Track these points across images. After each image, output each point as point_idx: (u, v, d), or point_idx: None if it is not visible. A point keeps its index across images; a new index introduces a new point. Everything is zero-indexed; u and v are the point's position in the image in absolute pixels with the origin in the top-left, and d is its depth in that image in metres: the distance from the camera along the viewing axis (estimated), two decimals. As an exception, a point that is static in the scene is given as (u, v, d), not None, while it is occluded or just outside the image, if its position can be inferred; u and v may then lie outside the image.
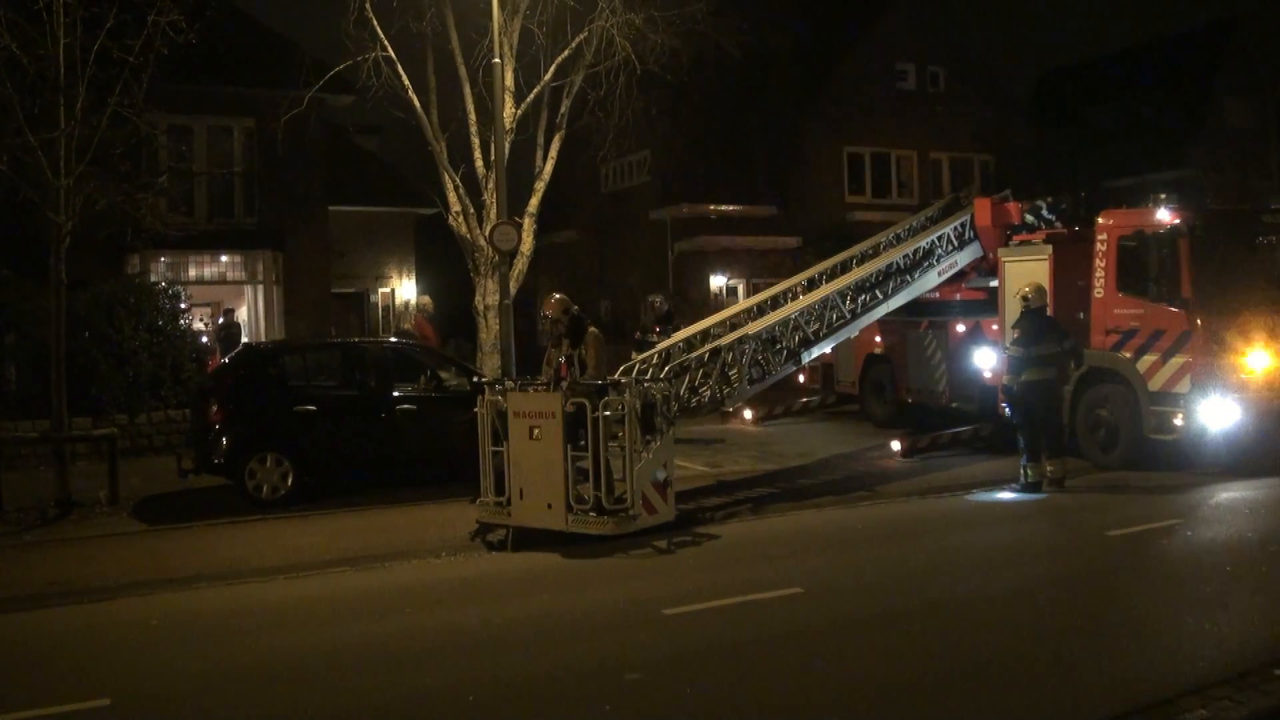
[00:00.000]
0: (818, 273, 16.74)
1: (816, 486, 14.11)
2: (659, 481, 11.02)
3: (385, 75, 18.04)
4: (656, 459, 11.01)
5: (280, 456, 13.53)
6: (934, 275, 16.40)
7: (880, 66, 30.57)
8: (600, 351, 11.82)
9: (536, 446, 10.94)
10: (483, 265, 18.74)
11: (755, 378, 13.18)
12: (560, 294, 12.55)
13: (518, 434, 11.08)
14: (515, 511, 11.18)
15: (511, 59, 18.47)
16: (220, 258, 24.21)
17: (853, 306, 14.88)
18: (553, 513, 10.85)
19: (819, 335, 14.19)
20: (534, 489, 10.97)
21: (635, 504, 10.74)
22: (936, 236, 16.58)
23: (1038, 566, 9.95)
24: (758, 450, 17.34)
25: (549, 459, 10.82)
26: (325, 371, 15.36)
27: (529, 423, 10.98)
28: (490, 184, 18.45)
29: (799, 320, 13.94)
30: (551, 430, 10.79)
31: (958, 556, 10.40)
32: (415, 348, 16.06)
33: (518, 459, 11.11)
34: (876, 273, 15.47)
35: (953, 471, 14.93)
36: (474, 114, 18.74)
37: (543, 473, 10.88)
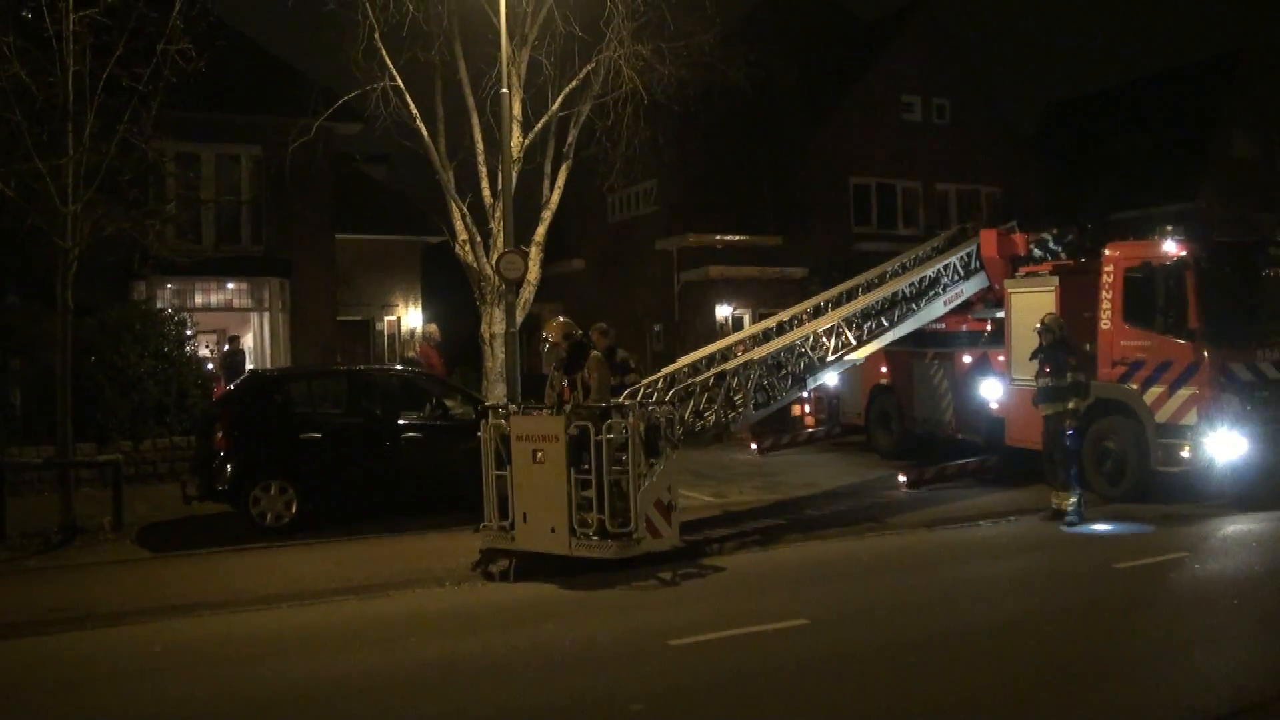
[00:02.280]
0: (823, 300, 16.77)
1: (823, 518, 14.07)
2: (663, 504, 10.99)
3: (393, 104, 18.14)
4: (660, 482, 10.99)
5: (284, 484, 13.52)
6: (940, 304, 16.41)
7: (886, 98, 30.66)
8: (604, 375, 11.83)
9: (540, 470, 10.93)
10: (489, 294, 18.77)
11: (760, 402, 13.19)
12: (564, 317, 12.59)
13: (521, 458, 11.08)
14: (519, 535, 11.16)
15: (519, 89, 18.57)
16: (227, 285, 24.29)
17: (858, 334, 14.88)
18: (556, 536, 10.82)
19: (824, 362, 14.20)
20: (537, 513, 10.96)
21: (639, 527, 10.72)
22: (942, 266, 16.60)
23: (1044, 599, 9.89)
24: (763, 481, 17.29)
25: (552, 483, 10.80)
26: (330, 399, 15.36)
27: (532, 446, 10.98)
28: (497, 213, 18.51)
29: (804, 346, 13.96)
30: (555, 454, 10.79)
31: (964, 589, 10.34)
32: (421, 375, 16.07)
33: (521, 483, 11.10)
34: (882, 300, 15.49)
35: (959, 503, 14.87)
36: (481, 143, 18.83)
37: (546, 496, 10.86)
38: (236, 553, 12.57)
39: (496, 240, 18.52)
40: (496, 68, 17.48)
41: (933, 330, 18.40)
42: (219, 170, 23.95)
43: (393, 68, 18.04)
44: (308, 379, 15.71)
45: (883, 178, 30.79)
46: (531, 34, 18.52)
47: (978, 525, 13.58)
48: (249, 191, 24.16)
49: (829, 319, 14.79)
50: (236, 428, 13.73)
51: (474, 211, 19.08)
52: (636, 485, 10.73)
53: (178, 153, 20.97)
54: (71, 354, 13.87)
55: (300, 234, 24.00)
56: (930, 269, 16.44)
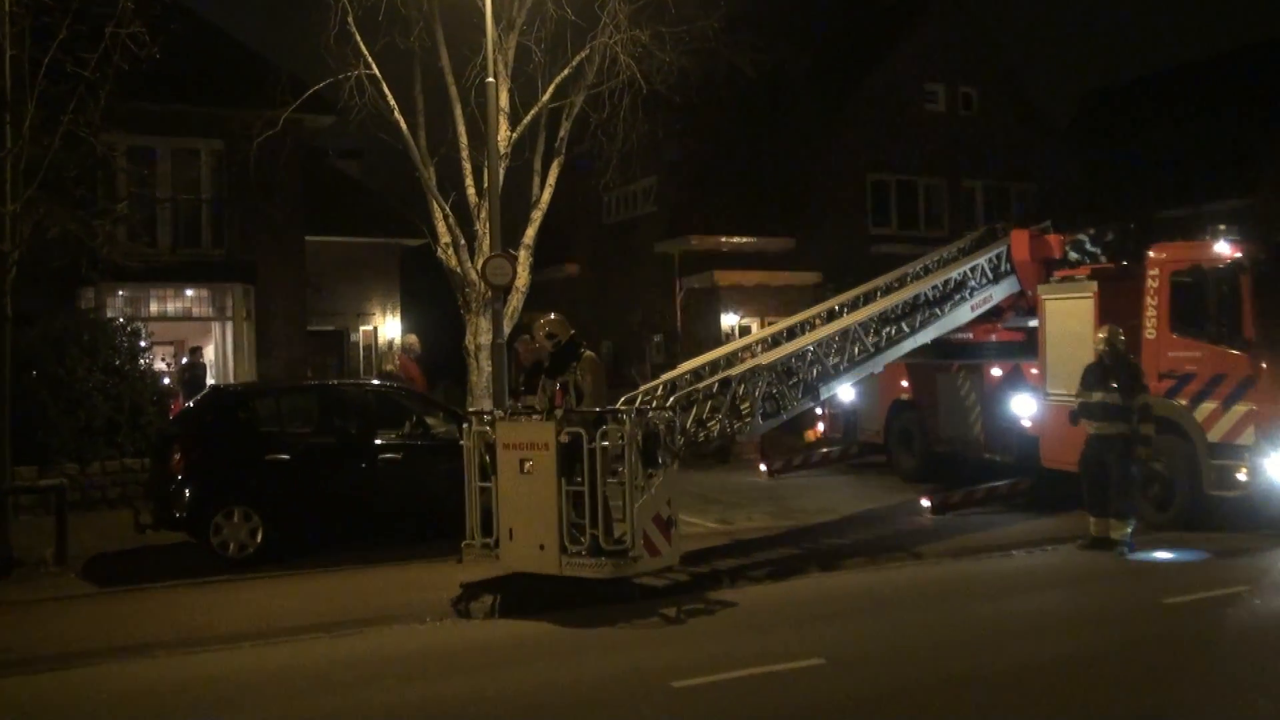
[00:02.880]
0: (838, 304, 16.71)
1: (840, 547, 13.98)
2: (662, 520, 10.88)
3: (369, 95, 18.11)
4: (659, 495, 10.87)
5: (249, 510, 13.43)
6: (966, 310, 16.36)
7: (907, 87, 30.67)
8: (598, 377, 11.74)
9: (528, 481, 10.84)
10: (474, 301, 18.71)
11: (769, 412, 13.11)
12: (557, 314, 12.52)
13: (507, 468, 10.99)
14: (504, 554, 11.09)
15: (506, 78, 18.54)
16: (185, 292, 24.24)
17: (876, 340, 14.83)
18: (545, 555, 10.73)
19: (838, 370, 14.14)
20: (525, 528, 10.87)
21: (636, 544, 10.61)
22: (969, 268, 16.55)
23: (1084, 638, 9.79)
24: (774, 505, 17.21)
25: (541, 495, 10.70)
26: (300, 417, 15.27)
27: (519, 455, 10.90)
28: (483, 213, 18.45)
29: (817, 352, 13.89)
30: (544, 463, 10.69)
31: (994, 626, 10.26)
32: (400, 391, 15.99)
33: (507, 495, 11.02)
34: (903, 304, 15.43)
35: (990, 531, 14.79)
36: (465, 137, 18.79)
37: (534, 510, 10.77)
38: (195, 587, 12.45)
39: (482, 243, 18.46)
40: (481, 55, 17.45)
41: (959, 340, 18.32)
42: (176, 166, 23.93)
43: (368, 54, 18.02)
44: (275, 395, 15.61)
45: (903, 174, 30.80)
46: (519, 17, 18.51)
47: (1010, 555, 13.51)
48: (210, 189, 24.15)
49: (844, 323, 14.73)
50: (196, 449, 13.64)
51: (457, 212, 19.03)
52: (633, 498, 10.63)
53: (130, 147, 20.93)
54: (11, 368, 13.76)
55: (266, 236, 23.97)
56: (956, 271, 16.39)
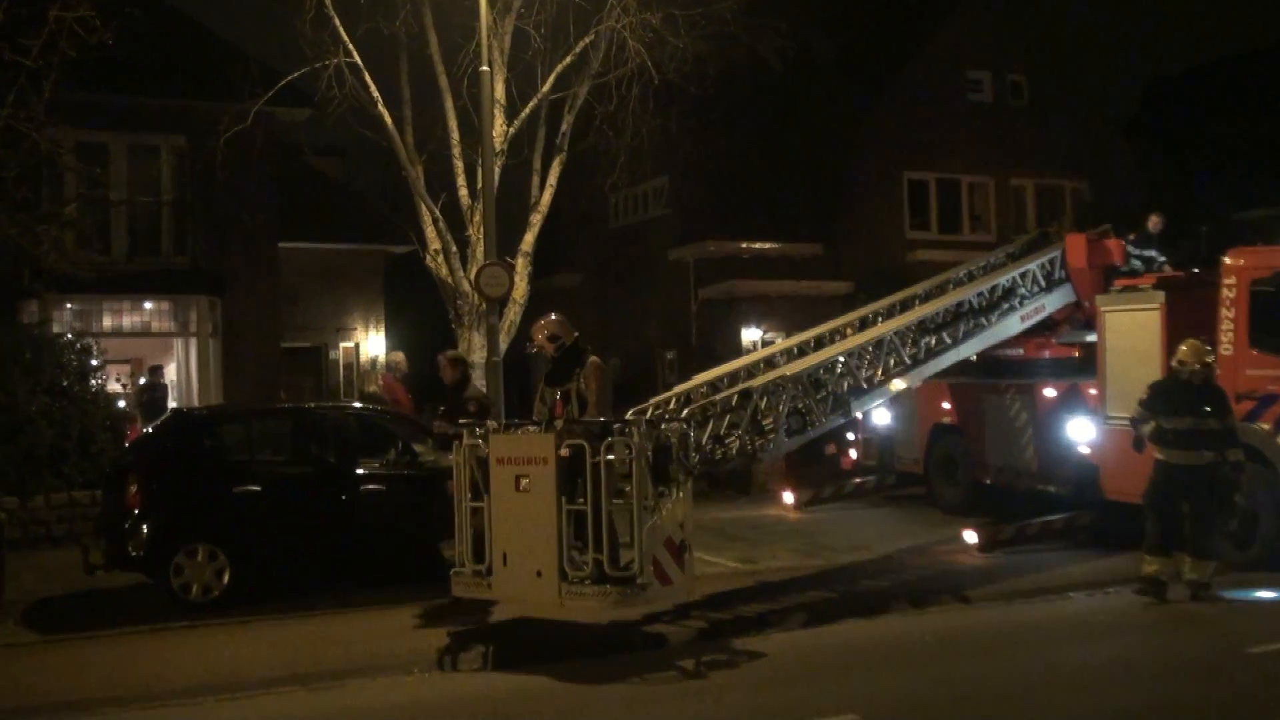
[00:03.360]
0: (872, 312, 16.65)
1: (876, 589, 13.91)
2: (674, 544, 10.72)
3: (349, 85, 18.16)
4: (672, 516, 10.73)
5: (214, 548, 13.37)
6: (1015, 321, 16.31)
7: (948, 75, 30.65)
8: (604, 384, 11.65)
9: (524, 500, 10.75)
10: (467, 315, 18.71)
11: (795, 429, 13.04)
12: (558, 314, 12.47)
13: (501, 485, 10.91)
14: (497, 582, 10.99)
15: (502, 67, 18.59)
16: (143, 305, 24.24)
17: (914, 351, 14.76)
18: (543, 583, 10.60)
19: (872, 383, 14.07)
20: (520, 553, 10.77)
21: (645, 570, 10.43)
22: (1019, 274, 16.51)
23: (1155, 691, 9.70)
24: (801, 542, 17.14)
25: (539, 515, 10.59)
26: (273, 444, 15.25)
27: (515, 471, 10.81)
28: (476, 217, 18.47)
29: (848, 363, 13.82)
30: (542, 480, 10.60)
31: (1053, 678, 10.15)
32: (384, 415, 15.97)
33: (501, 516, 10.93)
34: (944, 311, 15.37)
35: (1044, 571, 14.70)
36: (457, 133, 18.83)
37: (531, 532, 10.66)
38: (153, 634, 12.38)
39: (476, 250, 18.46)
40: (475, 41, 17.49)
41: (1008, 357, 18.24)
42: (133, 165, 23.95)
43: (348, 40, 18.09)
44: (245, 419, 15.59)
45: (944, 172, 30.76)
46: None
47: (1068, 598, 13.41)
48: (171, 191, 24.15)
49: (878, 331, 14.69)
50: (155, 479, 13.59)
51: (448, 215, 19.05)
52: (642, 519, 10.50)
53: (79, 143, 20.93)
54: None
55: (235, 242, 23.99)
56: (1004, 277, 16.35)
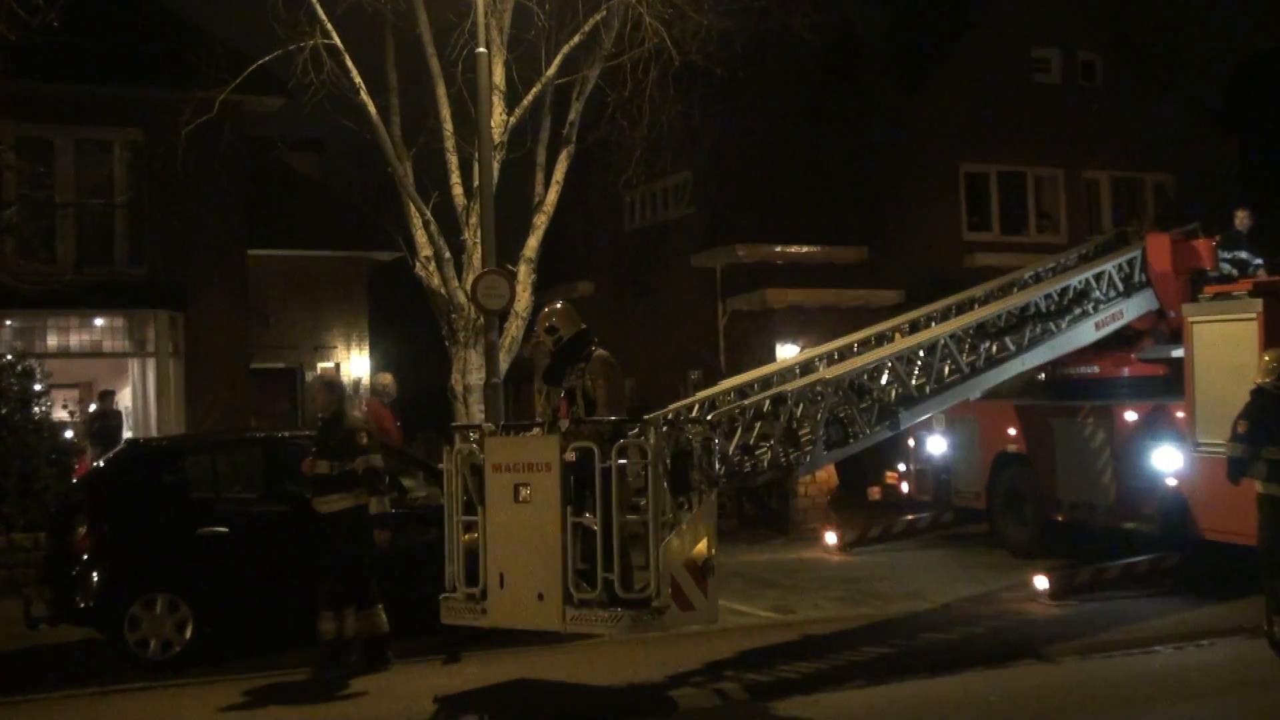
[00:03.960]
0: (924, 315, 16.62)
1: (935, 644, 13.87)
2: (695, 565, 10.63)
3: (328, 70, 18.18)
4: (693, 532, 10.67)
5: (176, 598, 13.35)
6: (1089, 328, 16.27)
7: (1011, 54, 30.64)
8: (614, 382, 11.56)
9: (524, 512, 10.73)
10: (462, 330, 18.71)
11: (835, 440, 12.97)
12: (564, 303, 12.45)
13: (498, 495, 10.91)
14: (492, 607, 10.96)
15: (502, 48, 18.61)
16: (94, 321, 24.29)
17: (972, 358, 14.71)
18: (544, 607, 10.56)
19: (923, 393, 14.01)
20: (519, 573, 10.74)
21: (662, 593, 10.33)
22: (1093, 274, 16.48)
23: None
24: (846, 589, 17.10)
25: (541, 529, 10.56)
26: (242, 479, 15.27)
27: (514, 480, 10.79)
28: (473, 219, 18.48)
29: (897, 368, 13.77)
30: (545, 488, 10.57)
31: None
32: (367, 445, 15.94)
33: (497, 531, 10.92)
34: (1006, 313, 15.33)
35: (1126, 621, 14.64)
36: (450, 123, 18.84)
37: (532, 550, 10.62)
38: (103, 696, 12.36)
39: (472, 256, 18.47)
40: (470, 19, 17.51)
41: (1082, 376, 18.18)
42: (82, 163, 24.05)
43: (326, 20, 18.10)
44: (210, 451, 15.57)
45: (1007, 164, 30.73)
46: (518, -30, 18.63)
47: (1154, 652, 13.36)
48: (125, 192, 24.23)
49: (931, 334, 14.64)
50: (107, 520, 13.60)
51: (441, 217, 19.06)
52: (658, 534, 10.43)
53: (20, 138, 21.09)
54: None
55: (199, 250, 24.07)
56: (1075, 278, 16.32)
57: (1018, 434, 19.46)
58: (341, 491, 12.65)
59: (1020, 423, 19.30)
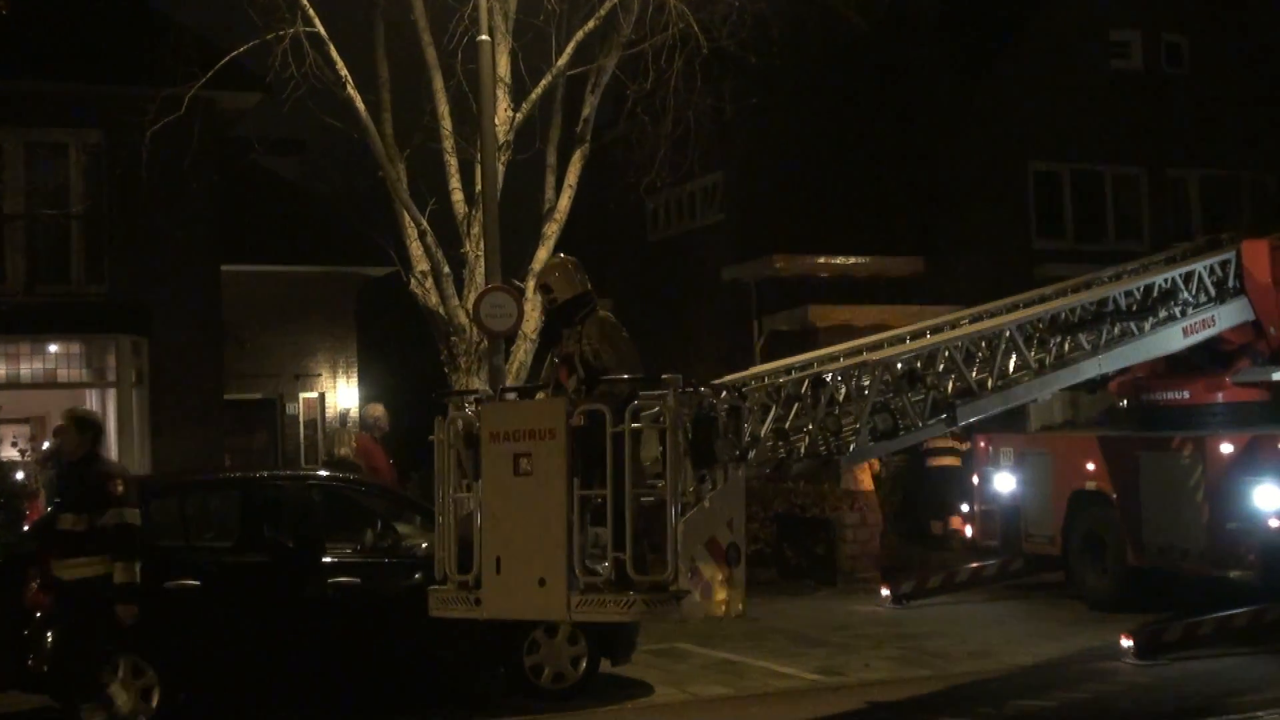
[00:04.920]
0: (986, 311, 16.62)
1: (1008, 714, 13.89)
2: (720, 547, 10.51)
3: (310, 61, 18.28)
4: (717, 510, 10.60)
5: (140, 661, 13.38)
6: (1176, 334, 16.25)
7: (1086, 37, 30.67)
8: (620, 346, 11.36)
9: (525, 486, 10.63)
10: (464, 354, 18.77)
11: (883, 430, 12.87)
12: (569, 258, 12.44)
13: (496, 469, 10.83)
14: (487, 596, 10.89)
15: (507, 35, 18.71)
16: (47, 347, 24.37)
17: (1040, 355, 14.66)
18: (548, 593, 10.44)
19: (984, 389, 13.99)
20: (519, 556, 10.63)
21: (681, 575, 10.22)
22: (1181, 274, 16.48)
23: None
24: (902, 647, 17.07)
25: (544, 505, 10.45)
26: (215, 525, 15.32)
27: (514, 450, 10.69)
28: (475, 228, 18.55)
29: (955, 357, 13.75)
30: (549, 458, 10.46)
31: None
32: (358, 486, 16.01)
33: (495, 509, 10.84)
34: (1081, 307, 15.32)
35: (1224, 683, 14.58)
36: (449, 120, 18.93)
37: (533, 528, 10.52)
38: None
39: (475, 271, 18.54)
40: (471, 3, 17.61)
41: (1170, 402, 18.16)
42: (33, 168, 24.15)
43: (308, 4, 18.20)
44: (178, 494, 15.59)
45: (1081, 162, 30.74)
46: (525, -52, 18.74)
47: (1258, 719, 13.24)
48: (83, 201, 24.26)
49: (994, 322, 14.69)
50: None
51: (439, 227, 19.14)
52: (677, 510, 10.39)
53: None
54: None
55: (166, 266, 24.12)
56: (1160, 276, 16.32)
57: (1097, 469, 19.40)
58: (90, 555, 12.12)
59: (1100, 457, 19.23)
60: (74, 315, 24.03)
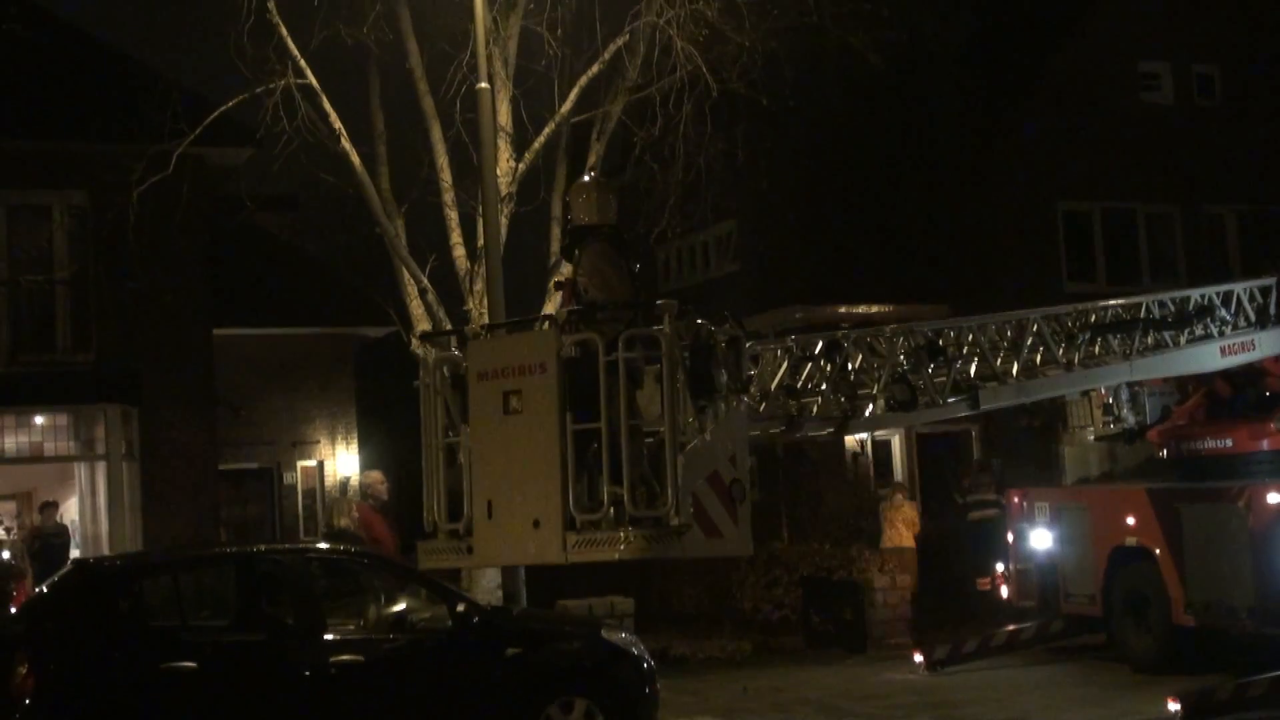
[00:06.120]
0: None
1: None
2: (723, 484, 10.56)
3: (302, 115, 18.33)
4: (719, 444, 10.61)
5: (136, 749, 13.40)
6: (1213, 351, 16.47)
7: (1113, 69, 30.66)
8: (608, 276, 11.38)
9: (515, 425, 10.65)
10: (468, 418, 18.76)
11: (900, 400, 13.08)
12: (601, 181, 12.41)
13: (485, 409, 10.87)
14: (479, 542, 10.93)
15: (507, 82, 18.76)
16: (33, 419, 24.34)
17: (1068, 354, 14.91)
18: (542, 536, 10.43)
19: (1007, 379, 14.24)
20: (511, 499, 10.66)
21: (683, 510, 10.23)
22: (1218, 292, 16.78)
23: None
24: (935, 716, 17.09)
25: (536, 443, 10.45)
26: (211, 602, 15.30)
27: (503, 388, 10.73)
28: (478, 284, 18.56)
29: (979, 339, 13.96)
30: (540, 394, 10.46)
31: None
32: (359, 559, 15.97)
33: (484, 452, 10.88)
34: (1112, 311, 15.63)
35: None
36: (448, 172, 18.96)
37: (526, 469, 10.55)
38: None
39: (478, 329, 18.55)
40: (470, 49, 17.67)
41: (1212, 450, 18.12)
42: (16, 231, 24.16)
43: (298, 55, 18.28)
44: (172, 571, 15.59)
45: (1112, 200, 30.71)
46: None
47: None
48: (68, 265, 24.29)
49: (1021, 312, 15.03)
50: (53, 655, 13.57)
51: (440, 283, 19.14)
52: (676, 445, 10.33)
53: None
54: None
55: (156, 331, 24.12)
56: (1197, 292, 16.56)
57: (1138, 524, 19.32)
58: None
59: (1141, 510, 19.15)
60: (60, 385, 23.99)
